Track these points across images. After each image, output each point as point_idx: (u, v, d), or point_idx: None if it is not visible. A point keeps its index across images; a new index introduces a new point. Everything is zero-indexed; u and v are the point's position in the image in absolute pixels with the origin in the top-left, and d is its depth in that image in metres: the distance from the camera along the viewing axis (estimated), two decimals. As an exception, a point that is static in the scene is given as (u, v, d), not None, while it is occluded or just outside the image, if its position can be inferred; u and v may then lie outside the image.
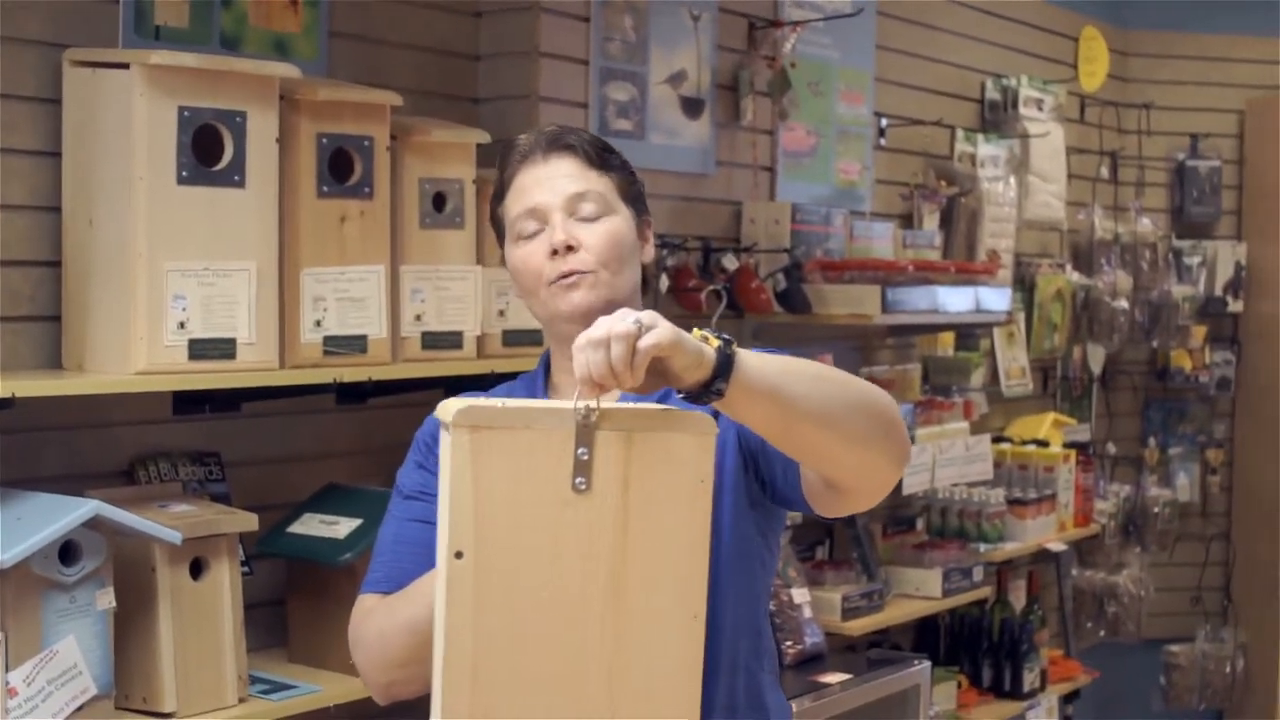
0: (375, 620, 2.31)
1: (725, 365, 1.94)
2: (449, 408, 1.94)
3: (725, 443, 2.25)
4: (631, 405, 1.98)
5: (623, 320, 1.89)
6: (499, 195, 2.39)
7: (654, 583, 1.96)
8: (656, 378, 1.94)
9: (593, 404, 1.90)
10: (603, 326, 1.90)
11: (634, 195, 2.40)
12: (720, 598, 2.26)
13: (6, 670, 2.72)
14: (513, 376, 2.56)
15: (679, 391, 1.97)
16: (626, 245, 2.34)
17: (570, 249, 2.29)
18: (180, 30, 3.35)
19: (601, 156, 2.37)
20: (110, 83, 3.01)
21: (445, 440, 1.97)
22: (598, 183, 2.34)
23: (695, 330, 1.97)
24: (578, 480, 1.92)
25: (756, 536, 2.34)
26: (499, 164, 2.40)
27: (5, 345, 3.08)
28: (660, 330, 1.90)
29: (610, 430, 1.93)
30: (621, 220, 2.34)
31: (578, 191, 2.32)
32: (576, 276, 2.29)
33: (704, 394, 1.95)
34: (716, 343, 1.95)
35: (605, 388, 1.91)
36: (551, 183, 2.32)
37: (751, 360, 1.98)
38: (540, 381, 2.44)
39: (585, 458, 1.92)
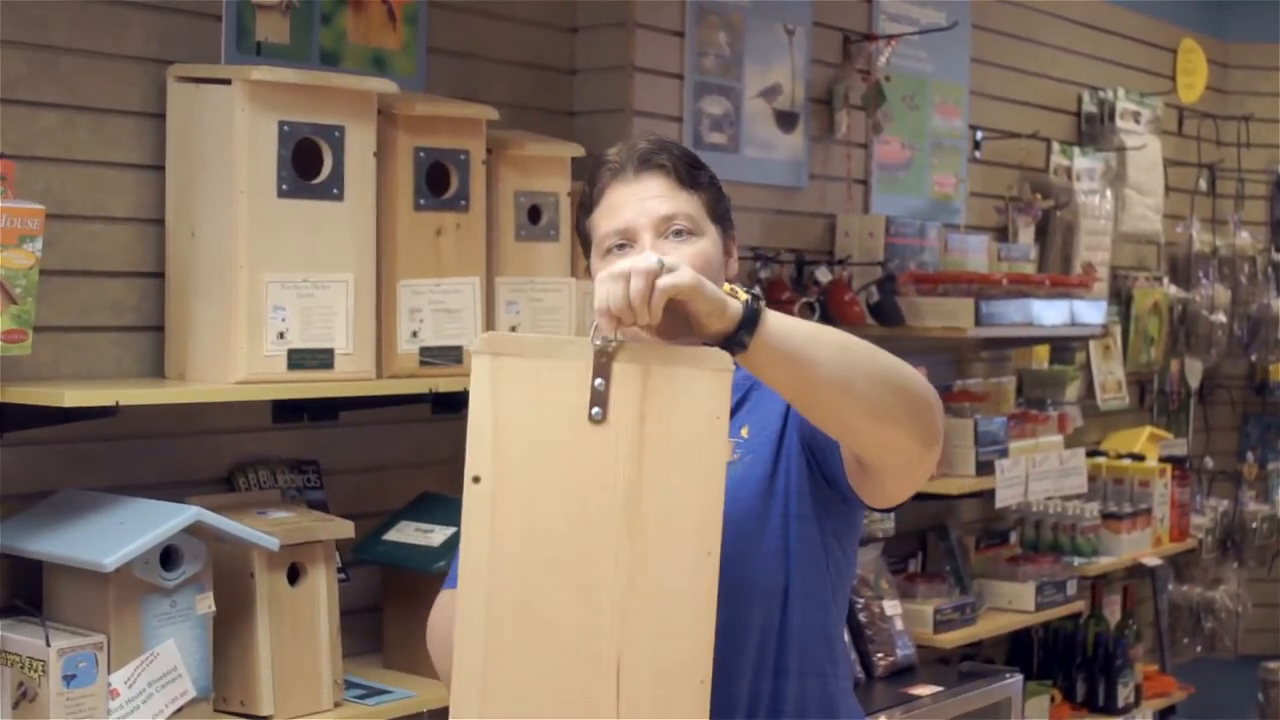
0: (435, 613, 2.35)
1: (750, 319, 1.97)
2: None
3: (790, 449, 2.29)
4: (650, 342, 2.01)
5: (645, 258, 1.94)
6: (587, 208, 2.39)
7: (669, 518, 1.97)
8: (679, 321, 1.97)
9: (610, 336, 1.94)
10: (626, 262, 1.95)
11: (721, 213, 2.39)
12: (790, 602, 2.29)
13: (109, 672, 2.78)
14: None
15: (703, 341, 2.00)
16: (713, 267, 2.32)
17: None
18: (281, 47, 3.41)
19: (692, 175, 2.35)
20: (212, 98, 3.07)
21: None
22: (687, 203, 2.33)
23: (726, 285, 2.00)
24: (594, 410, 1.95)
25: (829, 540, 2.34)
26: (589, 177, 2.41)
27: (110, 354, 3.15)
28: (682, 273, 1.93)
29: (627, 363, 1.96)
30: (709, 242, 2.33)
31: (667, 214, 2.30)
32: None
33: (727, 346, 1.98)
34: (745, 297, 1.98)
35: (624, 322, 1.94)
36: (641, 203, 2.31)
37: (777, 320, 2.01)
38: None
39: (602, 388, 1.95)
